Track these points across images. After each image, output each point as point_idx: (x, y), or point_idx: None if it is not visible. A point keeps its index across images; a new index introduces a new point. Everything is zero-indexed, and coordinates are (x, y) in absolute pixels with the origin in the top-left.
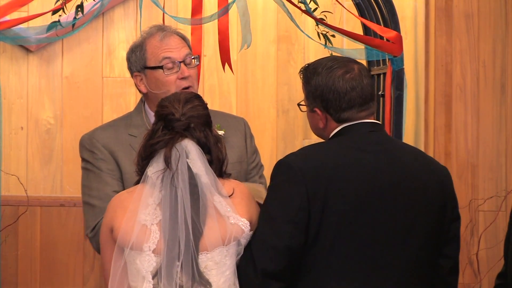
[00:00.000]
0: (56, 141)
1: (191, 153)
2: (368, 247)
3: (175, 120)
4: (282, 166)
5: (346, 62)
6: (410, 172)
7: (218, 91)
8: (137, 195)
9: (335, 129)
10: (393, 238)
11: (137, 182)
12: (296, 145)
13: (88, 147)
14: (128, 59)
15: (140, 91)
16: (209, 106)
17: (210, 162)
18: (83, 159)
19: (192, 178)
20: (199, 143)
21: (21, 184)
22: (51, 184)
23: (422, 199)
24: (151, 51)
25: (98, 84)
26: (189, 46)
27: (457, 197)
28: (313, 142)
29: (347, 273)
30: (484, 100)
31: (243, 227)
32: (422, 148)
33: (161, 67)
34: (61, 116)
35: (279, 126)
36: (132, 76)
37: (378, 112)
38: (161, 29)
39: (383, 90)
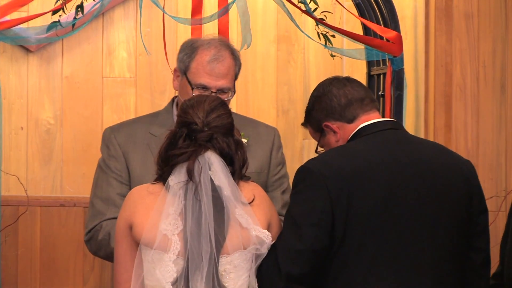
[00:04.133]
0: (56, 141)
1: (213, 165)
2: (396, 245)
3: (198, 131)
4: (303, 172)
5: (327, 79)
6: (433, 168)
7: None
8: (160, 203)
9: (352, 132)
10: (420, 234)
11: (156, 180)
12: (296, 145)
13: (106, 141)
14: (179, 51)
15: (173, 84)
16: None
17: (233, 173)
18: (101, 153)
19: (215, 191)
20: (222, 153)
21: (21, 184)
22: (51, 184)
23: (447, 194)
24: (195, 66)
25: (98, 84)
26: (236, 73)
27: None
28: (313, 142)
29: (377, 273)
30: (484, 100)
31: (264, 239)
32: None
33: (192, 88)
34: (61, 116)
35: (279, 126)
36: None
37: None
38: (219, 47)
39: (383, 90)
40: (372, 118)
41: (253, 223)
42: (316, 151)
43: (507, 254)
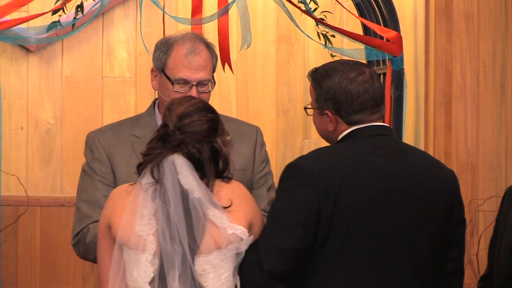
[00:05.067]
0: (56, 141)
1: (180, 168)
2: (376, 250)
3: (169, 134)
4: (292, 169)
5: (358, 65)
6: (418, 176)
7: (218, 91)
8: (132, 202)
9: (344, 131)
10: (401, 241)
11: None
12: (296, 145)
13: (90, 144)
14: (154, 51)
15: (152, 85)
16: None
17: (201, 178)
18: (85, 157)
19: (185, 193)
20: (191, 159)
21: (21, 184)
22: (51, 184)
23: (430, 202)
24: (173, 61)
25: (98, 84)
26: (213, 65)
27: None
28: (313, 142)
29: (354, 276)
30: (484, 100)
31: (241, 235)
32: (422, 148)
33: (172, 83)
34: (61, 116)
35: (279, 126)
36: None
37: None
38: (193, 41)
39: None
40: (371, 122)
41: (228, 221)
42: (304, 108)
43: (495, 257)
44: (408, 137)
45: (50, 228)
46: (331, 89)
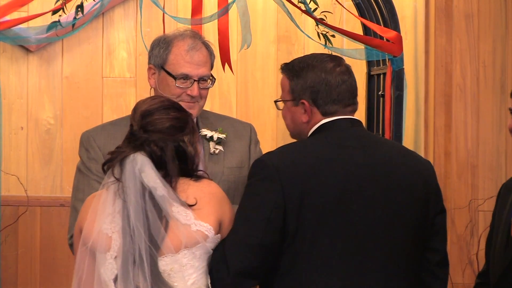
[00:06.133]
0: (56, 141)
1: (143, 166)
2: (348, 243)
3: (134, 134)
4: (257, 165)
5: (334, 57)
6: (390, 167)
7: (218, 91)
8: (97, 202)
9: (317, 123)
10: (374, 233)
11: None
12: None
13: (85, 144)
14: (151, 48)
15: (149, 83)
16: (208, 107)
17: (165, 176)
18: (79, 157)
19: (146, 190)
20: (152, 157)
21: (21, 184)
22: (51, 184)
23: (403, 193)
24: (174, 57)
25: (98, 84)
26: (212, 63)
27: (457, 197)
28: None
29: (328, 269)
30: (484, 100)
31: (206, 233)
32: (422, 148)
33: (175, 78)
34: (61, 116)
35: (279, 126)
36: (148, 63)
37: (378, 112)
38: (193, 38)
39: (383, 90)
40: (345, 114)
41: (193, 218)
42: (275, 101)
43: (491, 253)
44: (408, 137)
45: (50, 228)
46: (310, 78)
